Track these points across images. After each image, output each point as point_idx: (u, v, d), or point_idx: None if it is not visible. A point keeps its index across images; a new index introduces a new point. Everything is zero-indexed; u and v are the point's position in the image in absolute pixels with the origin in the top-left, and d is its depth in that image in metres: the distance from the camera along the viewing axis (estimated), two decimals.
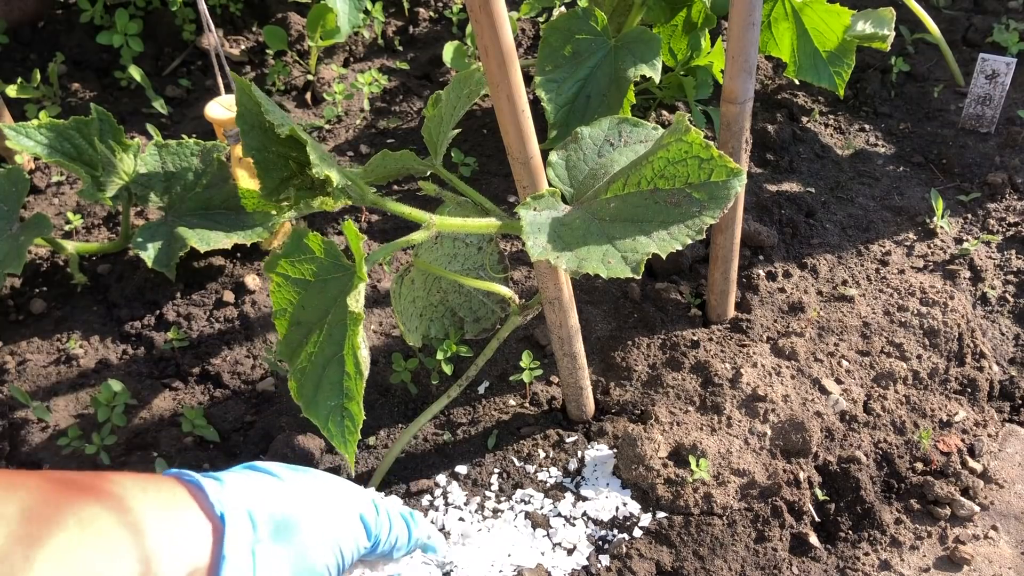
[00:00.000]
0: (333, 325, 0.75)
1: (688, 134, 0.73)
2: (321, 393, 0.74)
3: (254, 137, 0.79)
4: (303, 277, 0.77)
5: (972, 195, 1.33)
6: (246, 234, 1.15)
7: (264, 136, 0.79)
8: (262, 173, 0.81)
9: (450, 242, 0.99)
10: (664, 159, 0.74)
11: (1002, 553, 0.93)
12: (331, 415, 0.73)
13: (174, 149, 1.17)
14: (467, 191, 0.93)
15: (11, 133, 1.08)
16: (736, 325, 1.12)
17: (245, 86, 0.77)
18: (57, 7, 1.67)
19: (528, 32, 1.69)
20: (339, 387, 0.73)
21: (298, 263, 0.77)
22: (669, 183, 0.74)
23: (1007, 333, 1.15)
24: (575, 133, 0.86)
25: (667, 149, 0.74)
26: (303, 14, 1.67)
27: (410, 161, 0.89)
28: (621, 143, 0.84)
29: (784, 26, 1.32)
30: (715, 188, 0.72)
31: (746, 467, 0.95)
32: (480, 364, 0.96)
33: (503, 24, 0.64)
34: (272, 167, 0.81)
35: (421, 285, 1.00)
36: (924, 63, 1.61)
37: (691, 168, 0.73)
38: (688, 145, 0.73)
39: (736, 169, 0.71)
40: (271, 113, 0.75)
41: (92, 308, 1.20)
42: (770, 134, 1.41)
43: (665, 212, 0.72)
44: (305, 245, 0.77)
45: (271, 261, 0.78)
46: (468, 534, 0.92)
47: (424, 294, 1.00)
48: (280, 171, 0.81)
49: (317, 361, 0.75)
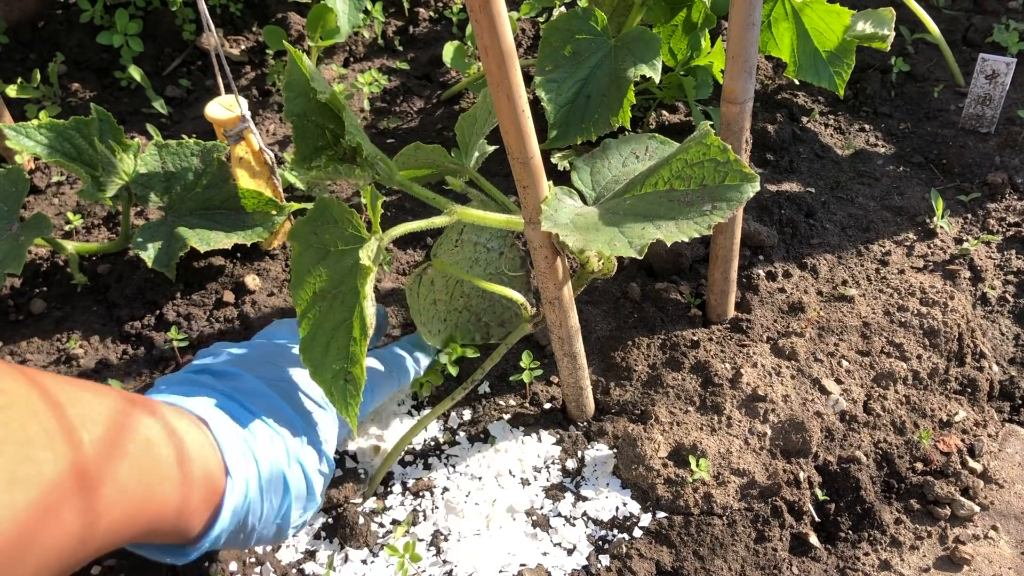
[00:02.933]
0: (346, 293, 0.78)
1: (708, 136, 0.76)
2: (328, 356, 0.77)
3: (297, 104, 0.83)
4: (323, 246, 0.81)
5: (972, 195, 1.33)
6: (246, 234, 1.15)
7: (307, 104, 0.83)
8: (299, 139, 0.84)
9: (471, 247, 1.00)
10: (683, 161, 0.77)
11: (1002, 553, 0.93)
12: (335, 379, 0.76)
13: (174, 149, 1.17)
14: (493, 192, 0.95)
15: (11, 133, 1.08)
16: (736, 325, 1.12)
17: (297, 56, 0.80)
18: (57, 7, 1.67)
19: (528, 32, 1.69)
20: (345, 352, 0.76)
21: (320, 230, 0.81)
22: (685, 184, 0.76)
23: (1007, 333, 1.15)
24: (603, 144, 0.90)
25: (687, 152, 0.77)
26: (303, 14, 1.67)
27: (440, 156, 0.91)
28: (646, 156, 0.89)
29: (784, 26, 1.32)
30: (728, 191, 0.74)
31: (746, 467, 0.95)
32: (487, 368, 0.96)
33: (503, 24, 0.64)
34: (309, 135, 0.84)
35: (443, 288, 1.00)
36: (924, 63, 1.61)
37: (707, 170, 0.76)
38: (707, 148, 0.76)
39: (751, 175, 0.74)
40: (317, 82, 0.80)
41: (92, 308, 1.20)
42: (770, 134, 1.41)
43: (677, 210, 0.75)
44: (329, 213, 0.80)
45: (296, 228, 0.81)
46: (468, 534, 0.92)
47: (447, 298, 1.01)
48: (316, 140, 0.85)
49: (327, 327, 0.78)
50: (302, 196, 1.32)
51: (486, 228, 1.00)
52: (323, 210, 0.82)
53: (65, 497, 0.55)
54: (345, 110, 0.80)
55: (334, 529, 0.92)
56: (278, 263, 1.25)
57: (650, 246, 1.10)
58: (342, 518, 0.92)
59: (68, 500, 0.55)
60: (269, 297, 1.19)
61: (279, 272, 1.23)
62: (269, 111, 1.55)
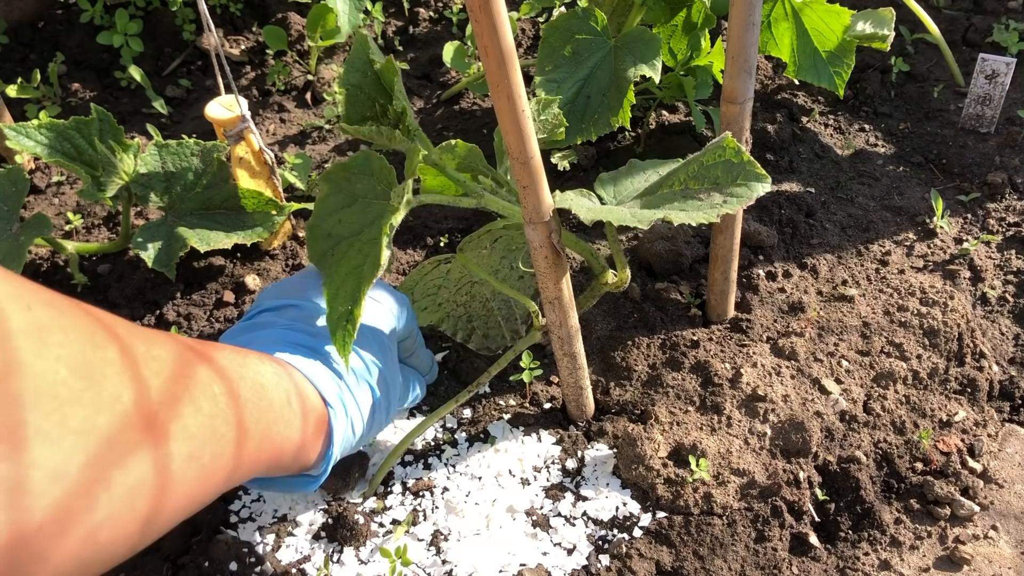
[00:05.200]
0: (365, 241, 0.80)
1: (725, 139, 0.80)
2: (338, 300, 0.79)
3: (355, 77, 0.91)
4: (353, 193, 0.84)
5: (972, 195, 1.33)
6: (246, 234, 1.15)
7: (362, 78, 0.91)
8: (349, 106, 0.91)
9: (498, 259, 1.05)
10: (699, 163, 0.82)
11: (1002, 553, 0.93)
12: (340, 320, 0.78)
13: (174, 149, 1.17)
14: None
15: (11, 133, 1.08)
16: (736, 325, 1.12)
17: (363, 39, 0.90)
18: (57, 7, 1.67)
19: (528, 32, 1.69)
20: (351, 296, 0.78)
21: (355, 178, 0.85)
22: (699, 183, 0.81)
23: (1007, 333, 1.15)
24: (630, 163, 0.96)
25: (704, 155, 0.82)
26: (303, 14, 1.67)
27: (475, 159, 0.93)
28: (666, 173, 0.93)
29: (784, 26, 1.32)
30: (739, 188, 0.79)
31: (746, 467, 0.95)
32: (493, 372, 0.97)
33: (503, 24, 0.64)
34: (359, 104, 0.91)
35: (455, 280, 1.04)
36: (924, 63, 1.61)
37: (721, 171, 0.80)
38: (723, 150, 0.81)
39: (762, 175, 0.78)
40: (376, 53, 0.89)
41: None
42: (770, 134, 1.41)
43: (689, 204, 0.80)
44: (369, 165, 0.85)
45: (330, 171, 0.86)
46: (468, 534, 0.92)
47: (453, 289, 1.04)
48: (365, 110, 0.92)
49: (341, 271, 0.80)
50: (302, 196, 1.32)
51: (519, 250, 1.06)
52: (365, 161, 0.85)
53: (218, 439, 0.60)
54: (397, 76, 0.87)
55: (334, 529, 0.92)
56: (278, 263, 1.25)
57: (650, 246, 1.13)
58: (342, 518, 0.92)
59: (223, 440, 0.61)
60: None
61: (279, 272, 1.23)
62: (269, 111, 1.55)
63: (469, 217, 1.31)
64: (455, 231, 1.29)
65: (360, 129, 0.87)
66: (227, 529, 0.93)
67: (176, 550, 0.91)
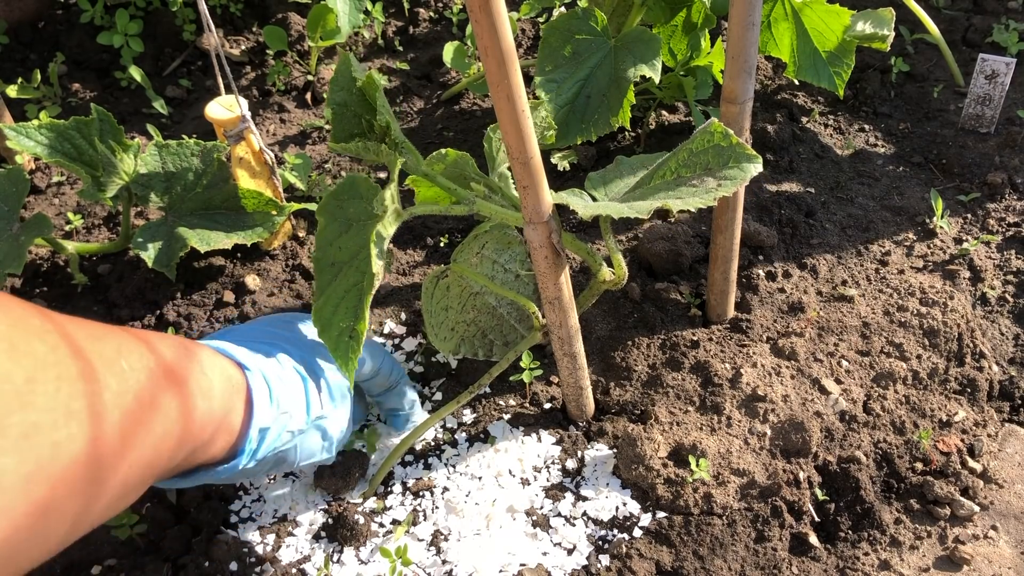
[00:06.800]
0: (360, 259, 0.81)
1: (712, 124, 0.80)
2: (337, 316, 0.79)
3: (340, 95, 0.91)
4: (347, 219, 0.84)
5: (972, 195, 1.33)
6: (246, 234, 1.15)
7: (348, 96, 0.92)
8: (336, 124, 0.92)
9: (490, 264, 1.04)
10: (688, 150, 0.82)
11: (1002, 553, 0.93)
12: (340, 336, 0.78)
13: (174, 149, 1.17)
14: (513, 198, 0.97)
15: (11, 133, 1.08)
16: (736, 325, 1.12)
17: (346, 57, 0.91)
18: (57, 7, 1.67)
19: (528, 32, 1.69)
20: (353, 311, 0.78)
21: (346, 204, 0.85)
22: (691, 170, 0.81)
23: (1007, 333, 1.15)
24: (616, 160, 0.96)
25: (692, 142, 0.82)
26: (303, 14, 1.67)
27: (466, 166, 0.93)
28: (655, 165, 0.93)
29: (784, 26, 1.32)
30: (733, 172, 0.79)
31: (746, 467, 0.95)
32: (494, 374, 0.97)
33: (503, 24, 0.64)
34: (346, 121, 0.92)
35: (456, 296, 1.03)
36: (924, 63, 1.61)
37: (711, 156, 0.80)
38: (711, 135, 0.81)
39: (753, 155, 0.78)
40: (358, 71, 0.90)
41: (92, 308, 1.20)
42: (770, 134, 1.41)
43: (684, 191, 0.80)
44: (356, 188, 0.85)
45: (324, 202, 0.86)
46: (468, 534, 0.92)
47: (458, 307, 1.04)
48: (352, 127, 0.92)
49: (340, 290, 0.81)
50: (302, 196, 1.32)
51: (506, 249, 1.05)
52: (351, 185, 0.85)
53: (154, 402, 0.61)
54: (379, 91, 0.87)
55: (334, 529, 0.92)
56: (278, 263, 1.25)
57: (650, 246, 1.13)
58: (342, 518, 0.92)
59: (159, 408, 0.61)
60: (269, 297, 1.19)
61: (279, 272, 1.23)
62: (269, 111, 1.55)
63: (468, 217, 1.31)
64: (455, 231, 1.29)
65: (348, 146, 0.88)
66: (227, 529, 0.94)
67: (176, 550, 0.91)
